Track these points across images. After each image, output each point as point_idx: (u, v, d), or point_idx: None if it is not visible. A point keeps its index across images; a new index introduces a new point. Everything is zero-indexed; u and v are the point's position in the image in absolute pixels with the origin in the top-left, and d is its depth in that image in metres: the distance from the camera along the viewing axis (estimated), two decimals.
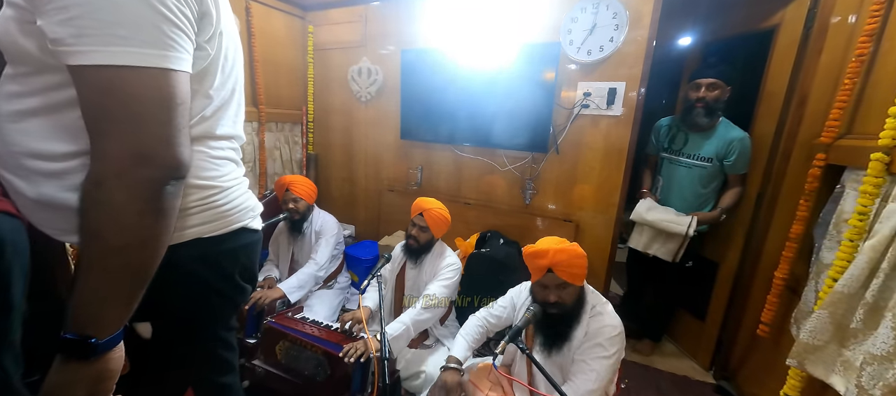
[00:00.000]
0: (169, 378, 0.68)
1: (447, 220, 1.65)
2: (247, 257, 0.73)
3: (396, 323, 1.43)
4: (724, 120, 1.70)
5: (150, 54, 0.46)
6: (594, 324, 1.16)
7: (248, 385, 1.46)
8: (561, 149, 1.90)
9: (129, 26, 0.44)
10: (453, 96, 2.05)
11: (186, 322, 0.69)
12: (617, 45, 1.67)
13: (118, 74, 0.44)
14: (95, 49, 0.43)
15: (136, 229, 0.47)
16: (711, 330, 1.88)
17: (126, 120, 0.45)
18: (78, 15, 0.42)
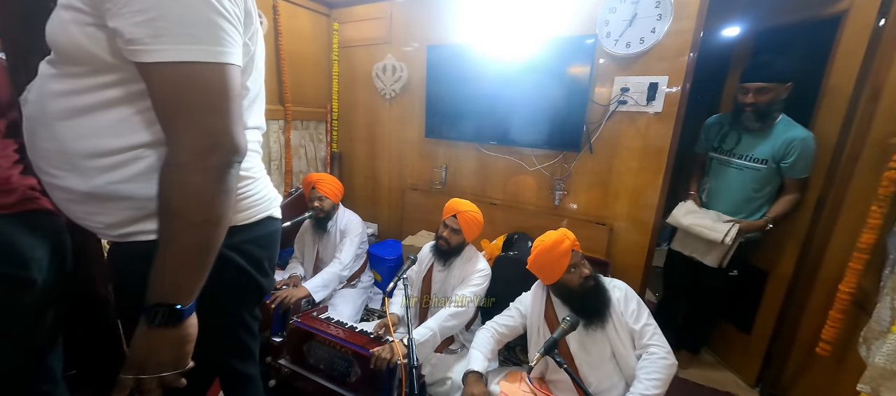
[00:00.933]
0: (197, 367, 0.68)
1: (480, 224, 1.60)
2: (273, 244, 0.77)
3: (423, 329, 1.39)
4: (784, 117, 1.54)
5: (215, 51, 0.51)
6: (617, 292, 1.26)
7: (275, 384, 1.47)
8: (595, 148, 1.81)
9: (198, 26, 0.49)
10: (480, 93, 1.98)
11: (217, 307, 0.68)
12: (659, 36, 1.56)
13: (191, 69, 0.49)
14: (171, 47, 0.48)
15: (211, 207, 0.53)
16: (759, 343, 1.74)
17: (199, 110, 0.51)
18: (155, 17, 0.47)
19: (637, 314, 1.21)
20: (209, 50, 0.50)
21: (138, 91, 0.53)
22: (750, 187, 1.59)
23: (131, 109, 0.54)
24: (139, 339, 0.54)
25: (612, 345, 1.23)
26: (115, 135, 0.55)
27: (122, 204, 0.56)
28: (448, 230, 1.58)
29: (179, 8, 0.47)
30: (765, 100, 1.48)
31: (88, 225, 0.60)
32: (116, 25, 0.47)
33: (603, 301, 1.24)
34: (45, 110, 0.55)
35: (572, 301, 1.26)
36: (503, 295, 1.73)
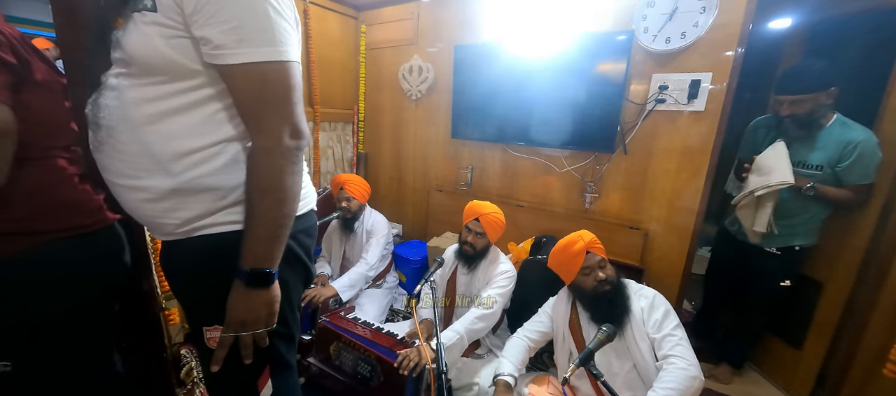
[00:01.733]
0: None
1: (503, 224, 1.57)
2: (315, 235, 0.85)
3: (449, 332, 1.37)
4: (839, 118, 1.41)
5: (285, 51, 0.60)
6: (643, 301, 1.19)
7: (304, 381, 1.49)
8: (629, 149, 1.73)
9: (272, 31, 0.58)
10: (509, 92, 1.95)
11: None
12: (702, 30, 1.46)
13: (270, 67, 0.59)
14: (254, 49, 0.57)
15: (291, 186, 0.64)
16: (811, 361, 1.61)
17: (276, 102, 0.60)
18: (239, 25, 0.56)
19: (660, 323, 1.14)
20: (281, 50, 0.59)
21: (218, 91, 0.62)
22: (804, 198, 1.45)
23: (213, 108, 0.62)
24: (239, 301, 0.64)
25: (633, 357, 1.17)
26: (200, 133, 0.62)
27: (205, 197, 0.64)
28: (472, 234, 1.56)
29: (256, 17, 0.56)
30: (803, 111, 1.37)
31: (160, 222, 0.66)
32: (204, 34, 0.56)
33: (619, 308, 1.17)
34: (127, 118, 0.61)
35: (585, 303, 1.24)
36: (531, 299, 1.69)
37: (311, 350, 1.51)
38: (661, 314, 1.15)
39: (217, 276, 0.66)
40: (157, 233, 0.70)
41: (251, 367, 0.74)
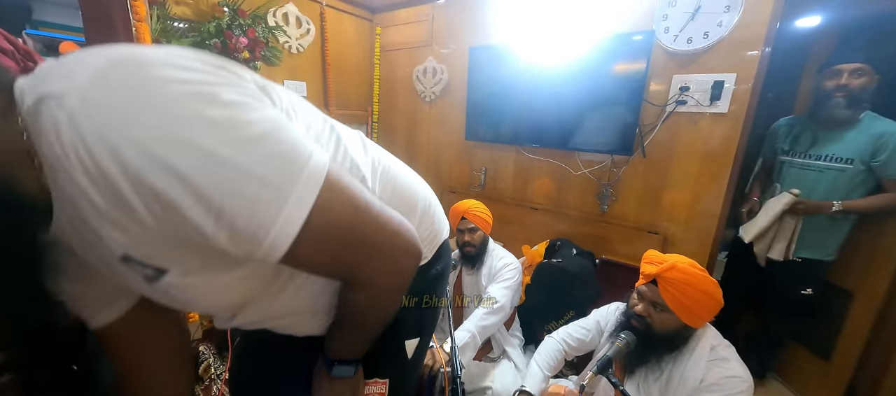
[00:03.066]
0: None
1: (490, 214, 1.61)
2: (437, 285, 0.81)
3: (461, 332, 1.37)
4: (869, 112, 1.38)
5: None
6: (716, 372, 0.95)
7: None
8: (648, 152, 1.69)
9: None
10: (524, 94, 1.93)
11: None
12: (726, 29, 1.42)
13: None
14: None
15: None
16: (841, 372, 1.54)
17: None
18: None
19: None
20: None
21: None
22: (834, 193, 1.41)
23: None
24: (322, 386, 0.62)
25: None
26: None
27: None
28: (467, 233, 1.57)
29: None
30: (859, 84, 1.33)
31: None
32: None
33: (643, 359, 1.05)
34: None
35: (638, 335, 1.04)
36: (546, 303, 1.68)
37: None
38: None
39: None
40: None
41: None
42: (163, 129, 0.31)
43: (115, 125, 0.31)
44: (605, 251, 1.85)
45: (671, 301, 0.97)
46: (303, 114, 0.49)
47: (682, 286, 0.96)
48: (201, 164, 0.32)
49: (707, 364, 0.97)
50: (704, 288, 0.96)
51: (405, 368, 0.73)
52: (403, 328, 0.69)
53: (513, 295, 1.54)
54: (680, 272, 0.97)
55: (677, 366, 1.01)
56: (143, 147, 0.31)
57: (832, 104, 1.39)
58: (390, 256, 0.49)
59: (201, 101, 0.33)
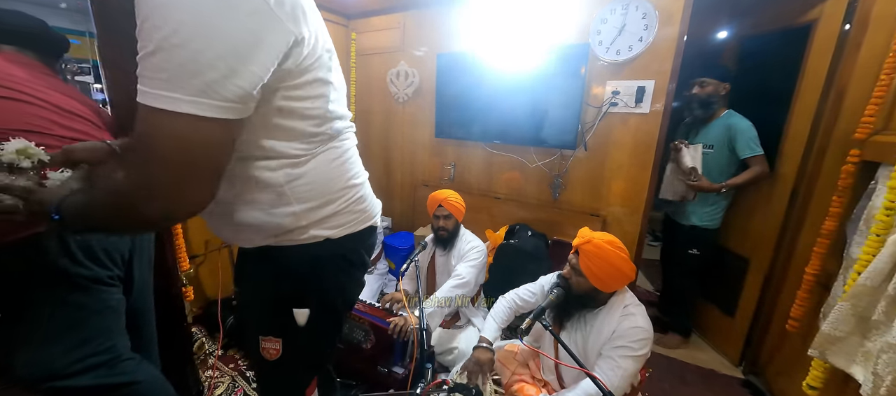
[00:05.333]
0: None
1: (463, 202, 1.84)
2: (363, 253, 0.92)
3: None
4: (729, 111, 1.82)
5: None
6: (625, 324, 1.19)
7: None
8: (589, 147, 1.98)
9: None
10: (486, 96, 2.18)
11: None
12: (646, 44, 1.72)
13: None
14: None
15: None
16: (741, 325, 1.89)
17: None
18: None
19: (616, 347, 1.19)
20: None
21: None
22: (709, 169, 1.84)
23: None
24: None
25: (586, 348, 1.28)
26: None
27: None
28: (442, 219, 1.79)
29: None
30: (705, 92, 1.81)
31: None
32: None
33: (570, 313, 1.29)
34: None
35: (566, 292, 1.28)
36: (505, 278, 1.93)
37: None
38: (625, 343, 1.18)
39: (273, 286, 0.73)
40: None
41: (305, 377, 0.86)
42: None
43: None
44: (557, 232, 2.13)
45: (585, 269, 1.21)
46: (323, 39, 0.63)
47: (593, 258, 1.20)
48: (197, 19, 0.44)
49: (619, 319, 1.23)
50: (613, 261, 1.19)
51: (298, 332, 0.76)
52: (294, 300, 0.75)
53: (477, 274, 1.78)
54: (594, 247, 1.21)
55: (597, 321, 1.27)
56: None
57: (692, 106, 1.88)
58: (146, 196, 0.50)
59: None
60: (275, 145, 0.62)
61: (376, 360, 1.51)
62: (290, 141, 0.64)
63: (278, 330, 0.76)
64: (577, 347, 1.30)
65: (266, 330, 0.77)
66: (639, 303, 1.29)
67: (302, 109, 0.63)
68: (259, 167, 0.63)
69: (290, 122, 0.62)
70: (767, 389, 1.72)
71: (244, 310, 0.87)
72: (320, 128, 0.67)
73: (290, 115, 0.62)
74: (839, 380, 1.20)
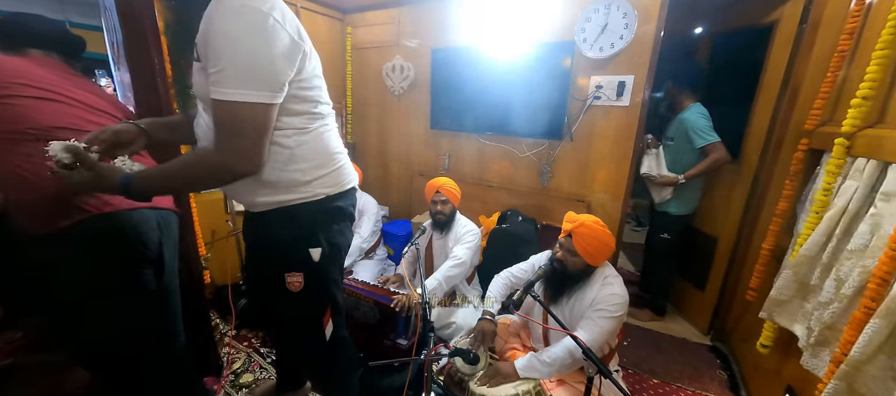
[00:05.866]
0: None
1: (458, 190, 1.98)
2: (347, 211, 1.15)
3: (431, 279, 1.74)
4: (693, 105, 1.98)
5: (252, 94, 0.79)
6: (604, 292, 1.36)
7: None
8: (575, 137, 2.13)
9: (247, 77, 0.78)
10: (478, 90, 2.30)
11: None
12: (626, 42, 1.86)
13: (235, 106, 0.78)
14: (227, 90, 0.79)
15: (195, 183, 1.03)
16: (710, 298, 2.09)
17: (231, 132, 0.82)
18: (220, 69, 0.78)
19: (595, 309, 1.35)
20: (247, 93, 0.77)
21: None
22: (671, 160, 2.05)
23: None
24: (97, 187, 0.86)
25: (572, 315, 1.45)
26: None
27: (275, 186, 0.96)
28: (439, 204, 1.93)
29: (236, 66, 0.76)
30: (666, 91, 2.05)
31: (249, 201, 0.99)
32: (209, 76, 0.78)
33: (558, 288, 1.44)
34: (207, 137, 0.88)
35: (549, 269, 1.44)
36: (498, 260, 2.08)
37: None
38: (603, 307, 1.34)
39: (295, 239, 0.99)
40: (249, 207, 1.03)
41: (319, 310, 1.10)
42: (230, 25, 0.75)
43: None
44: (546, 217, 2.29)
45: (580, 249, 1.37)
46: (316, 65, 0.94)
47: (588, 238, 1.36)
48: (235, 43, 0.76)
49: (599, 288, 1.40)
50: (603, 239, 1.37)
51: (314, 267, 1.02)
52: (308, 241, 1.00)
53: (472, 255, 1.93)
54: (587, 228, 1.37)
55: (581, 292, 1.44)
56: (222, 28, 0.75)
57: (665, 104, 2.11)
58: (235, 159, 0.80)
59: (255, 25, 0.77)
60: (289, 120, 0.90)
61: (382, 334, 1.65)
62: (298, 117, 0.92)
63: (299, 267, 1.01)
64: (563, 316, 1.47)
65: (290, 267, 1.01)
66: (617, 274, 1.46)
67: (305, 95, 0.91)
68: (278, 136, 0.90)
69: (298, 105, 0.90)
70: (731, 353, 1.93)
71: (262, 262, 1.09)
72: (316, 110, 0.95)
73: (298, 100, 0.90)
74: (785, 339, 1.39)
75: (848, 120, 1.20)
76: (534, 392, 1.24)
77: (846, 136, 1.19)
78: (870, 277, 0.94)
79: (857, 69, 1.32)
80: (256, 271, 1.18)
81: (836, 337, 1.04)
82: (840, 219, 1.14)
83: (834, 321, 1.06)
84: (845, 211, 1.13)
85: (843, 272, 1.07)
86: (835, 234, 1.15)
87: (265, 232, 1.01)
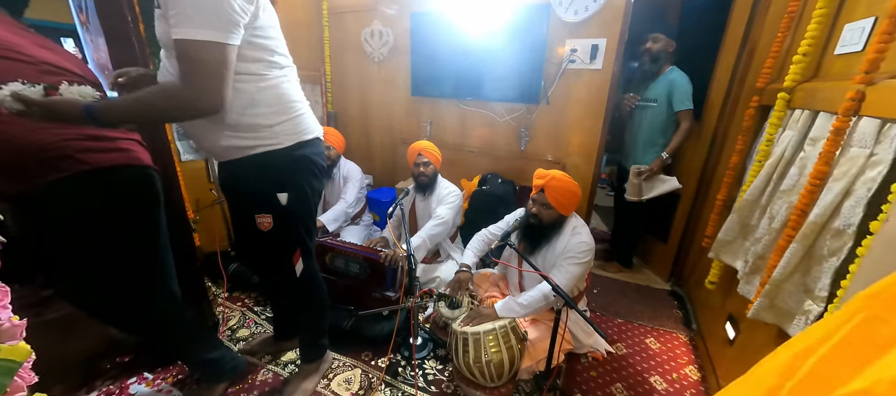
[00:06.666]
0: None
1: (439, 152, 2.06)
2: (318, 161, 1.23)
3: (416, 237, 1.84)
4: (673, 68, 2.05)
5: (209, 33, 0.84)
6: (573, 241, 1.51)
7: None
8: (551, 101, 2.21)
9: (204, 16, 0.83)
10: (458, 54, 2.32)
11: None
12: (600, 5, 1.92)
13: (192, 44, 0.82)
14: (184, 30, 0.83)
15: (162, 114, 1.02)
16: (671, 248, 2.29)
17: (194, 71, 0.86)
18: (179, 11, 0.81)
19: (565, 257, 1.49)
20: (204, 32, 0.81)
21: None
22: (649, 122, 2.12)
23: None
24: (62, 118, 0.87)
25: (544, 264, 1.59)
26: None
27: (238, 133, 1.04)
28: (422, 166, 2.00)
29: (194, 5, 0.80)
30: (657, 47, 2.04)
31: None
32: (169, 20, 0.83)
33: (535, 240, 1.56)
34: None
35: (523, 222, 1.60)
36: (479, 220, 2.19)
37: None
38: (573, 254, 1.48)
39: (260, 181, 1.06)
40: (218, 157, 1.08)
41: (288, 249, 1.20)
42: None
43: None
44: (524, 180, 2.40)
45: (553, 201, 1.49)
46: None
47: (559, 190, 1.49)
48: None
49: (569, 237, 1.54)
50: (572, 189, 1.50)
51: (282, 210, 1.11)
52: (276, 187, 1.09)
53: (455, 215, 2.03)
54: (557, 181, 1.50)
55: (553, 243, 1.57)
56: None
57: (643, 61, 2.09)
58: (197, 95, 0.85)
59: None
60: (247, 66, 0.96)
61: (371, 288, 1.76)
62: (256, 63, 0.98)
63: (268, 209, 1.10)
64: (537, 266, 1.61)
65: (260, 209, 1.11)
66: (584, 224, 1.60)
67: (262, 44, 0.97)
68: (238, 80, 0.95)
69: (256, 53, 0.96)
70: (687, 295, 2.15)
71: (239, 204, 1.19)
72: (272, 58, 1.01)
73: (255, 48, 0.96)
74: (728, 276, 1.58)
75: (789, 75, 1.32)
76: (509, 327, 1.39)
77: (787, 91, 1.33)
78: (793, 210, 1.09)
79: (802, 29, 1.44)
80: (236, 215, 1.26)
81: (764, 265, 1.21)
82: (777, 166, 1.29)
83: (764, 251, 1.22)
84: (782, 159, 1.27)
85: (774, 210, 1.22)
86: (772, 179, 1.30)
87: (239, 177, 1.09)
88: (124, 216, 1.06)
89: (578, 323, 1.67)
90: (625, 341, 1.81)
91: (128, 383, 1.41)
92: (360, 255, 1.76)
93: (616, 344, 1.78)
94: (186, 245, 1.52)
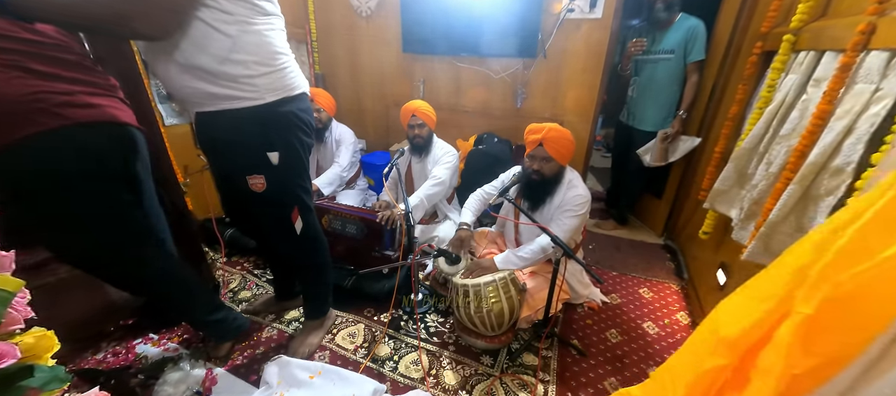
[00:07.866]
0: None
1: (434, 112, 1.99)
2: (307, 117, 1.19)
3: (413, 197, 1.83)
4: (683, 14, 1.92)
5: None
6: (569, 194, 1.52)
7: None
8: (548, 54, 2.14)
9: None
10: (450, 6, 2.20)
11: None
12: None
13: None
14: None
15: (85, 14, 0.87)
16: (666, 204, 2.32)
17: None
18: None
19: (563, 212, 1.50)
20: None
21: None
22: (663, 77, 2.00)
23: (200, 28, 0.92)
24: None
25: (541, 218, 1.58)
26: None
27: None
28: (416, 128, 1.95)
29: None
30: None
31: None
32: None
33: (537, 196, 1.56)
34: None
35: (523, 180, 1.58)
36: (476, 180, 2.18)
37: None
38: (569, 207, 1.50)
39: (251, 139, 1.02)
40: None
41: (286, 208, 1.17)
42: None
43: None
44: (520, 138, 2.33)
45: (553, 152, 1.47)
46: None
47: (557, 140, 1.47)
48: None
49: (565, 191, 1.54)
50: (568, 137, 1.49)
51: (274, 169, 1.08)
52: (265, 145, 1.05)
53: (451, 175, 2.00)
54: (555, 132, 1.47)
55: (551, 198, 1.57)
56: None
57: (656, 9, 1.90)
58: (137, 13, 0.80)
59: None
60: (230, 6, 0.90)
61: (370, 247, 1.76)
62: (240, 4, 0.91)
63: (259, 169, 1.07)
64: (536, 220, 1.62)
65: (251, 170, 1.07)
66: (578, 176, 1.60)
67: None
68: (219, 22, 0.90)
69: None
70: (679, 248, 2.20)
71: (226, 166, 1.15)
72: (258, 2, 0.94)
73: None
74: (722, 226, 1.61)
75: (797, 16, 1.28)
76: (509, 279, 1.41)
77: (794, 32, 1.28)
78: (792, 153, 1.09)
79: None
80: (222, 179, 1.22)
81: (760, 209, 1.23)
82: (778, 111, 1.27)
83: (760, 197, 1.24)
84: (783, 104, 1.25)
85: (772, 155, 1.22)
86: (772, 125, 1.29)
87: (221, 139, 1.05)
88: (105, 174, 1.02)
89: (575, 274, 1.70)
90: (619, 292, 1.87)
91: (133, 343, 1.42)
92: (357, 216, 1.75)
93: (611, 295, 1.83)
94: (180, 208, 1.49)
